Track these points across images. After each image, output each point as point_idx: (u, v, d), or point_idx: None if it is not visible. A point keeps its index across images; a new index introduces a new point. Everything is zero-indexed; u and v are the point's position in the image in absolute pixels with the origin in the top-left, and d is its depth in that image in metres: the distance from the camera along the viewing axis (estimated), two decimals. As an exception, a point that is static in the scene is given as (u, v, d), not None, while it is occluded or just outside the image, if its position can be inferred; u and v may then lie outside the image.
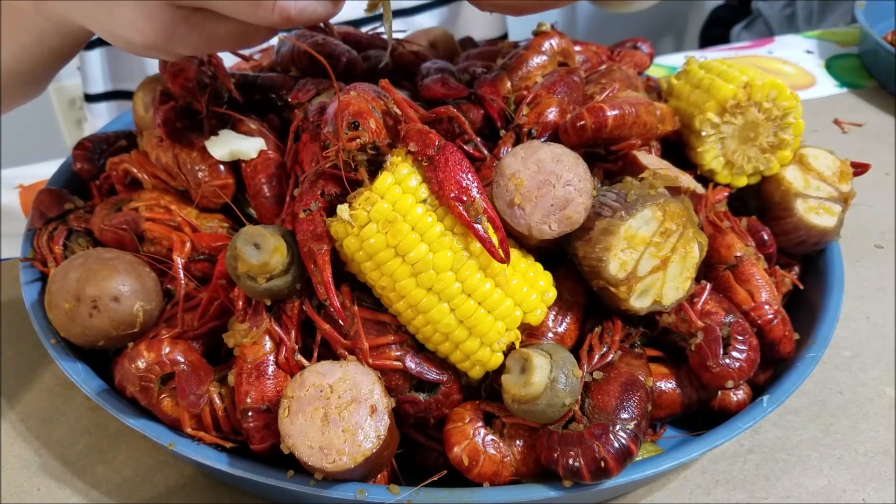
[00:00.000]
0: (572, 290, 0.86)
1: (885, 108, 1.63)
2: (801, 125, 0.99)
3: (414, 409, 0.80)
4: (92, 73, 1.60)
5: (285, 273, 0.77)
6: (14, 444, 0.94)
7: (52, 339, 0.88)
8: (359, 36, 1.16)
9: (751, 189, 1.04)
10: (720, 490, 0.89)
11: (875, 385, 1.02)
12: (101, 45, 1.57)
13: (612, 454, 0.73)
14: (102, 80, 1.63)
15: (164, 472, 0.91)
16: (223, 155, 0.94)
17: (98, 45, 1.57)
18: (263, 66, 1.18)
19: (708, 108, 0.98)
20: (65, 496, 0.88)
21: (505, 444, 0.79)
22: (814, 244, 1.03)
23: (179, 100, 1.02)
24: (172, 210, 0.95)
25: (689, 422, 0.89)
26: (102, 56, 1.59)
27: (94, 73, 1.60)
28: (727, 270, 0.94)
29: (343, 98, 0.83)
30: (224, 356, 0.87)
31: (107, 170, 1.06)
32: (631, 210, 0.79)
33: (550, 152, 0.78)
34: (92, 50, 1.57)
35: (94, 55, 1.58)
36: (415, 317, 0.77)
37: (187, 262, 0.91)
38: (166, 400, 0.81)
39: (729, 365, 0.83)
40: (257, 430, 0.77)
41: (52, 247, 0.96)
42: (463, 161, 0.75)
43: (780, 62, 1.79)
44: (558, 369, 0.75)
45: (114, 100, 1.64)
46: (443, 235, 0.75)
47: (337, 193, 0.79)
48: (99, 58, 1.59)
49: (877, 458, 0.93)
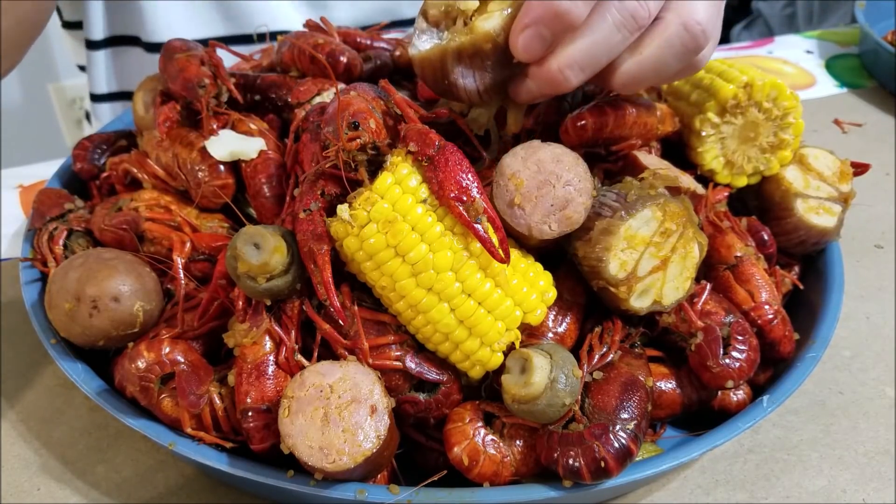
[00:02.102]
0: (572, 290, 0.86)
1: (885, 108, 1.63)
2: (801, 125, 0.99)
3: (414, 409, 0.80)
4: (97, 75, 1.61)
5: (285, 273, 0.77)
6: (14, 444, 0.94)
7: (52, 339, 0.88)
8: (359, 36, 1.16)
9: (751, 189, 1.04)
10: (720, 490, 0.89)
11: (875, 385, 1.02)
12: (106, 46, 1.57)
13: (612, 454, 0.73)
14: (107, 81, 1.63)
15: (164, 472, 0.91)
16: (223, 155, 0.94)
17: (104, 47, 1.57)
18: (263, 66, 1.18)
19: (708, 108, 0.98)
20: (65, 496, 0.88)
21: (505, 444, 0.79)
22: (814, 244, 1.03)
23: (179, 100, 1.02)
24: (172, 210, 0.95)
25: (689, 422, 0.89)
26: (107, 57, 1.59)
27: (99, 75, 1.61)
28: (727, 270, 0.94)
29: (343, 98, 0.83)
30: (224, 356, 0.87)
31: (107, 170, 1.06)
32: (631, 210, 0.79)
33: (550, 152, 0.78)
34: (98, 51, 1.57)
35: (99, 56, 1.58)
36: (415, 317, 0.77)
37: (187, 262, 0.91)
38: (166, 400, 0.81)
39: (729, 365, 0.83)
40: (257, 430, 0.77)
41: (52, 247, 0.96)
42: (463, 161, 0.75)
43: (780, 62, 1.79)
44: (558, 369, 0.75)
45: (118, 100, 1.65)
46: (443, 235, 0.75)
47: (337, 193, 0.79)
48: (104, 59, 1.59)
49: (877, 458, 0.93)
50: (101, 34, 1.55)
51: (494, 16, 0.77)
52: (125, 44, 1.58)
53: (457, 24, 0.79)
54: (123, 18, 1.53)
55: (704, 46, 0.79)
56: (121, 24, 1.55)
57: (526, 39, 0.75)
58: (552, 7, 0.73)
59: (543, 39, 0.75)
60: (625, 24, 0.74)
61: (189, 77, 0.99)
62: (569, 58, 0.75)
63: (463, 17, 0.79)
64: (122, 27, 1.55)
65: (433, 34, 0.81)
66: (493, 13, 0.77)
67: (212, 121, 0.98)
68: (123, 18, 1.53)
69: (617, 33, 0.75)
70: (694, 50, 0.78)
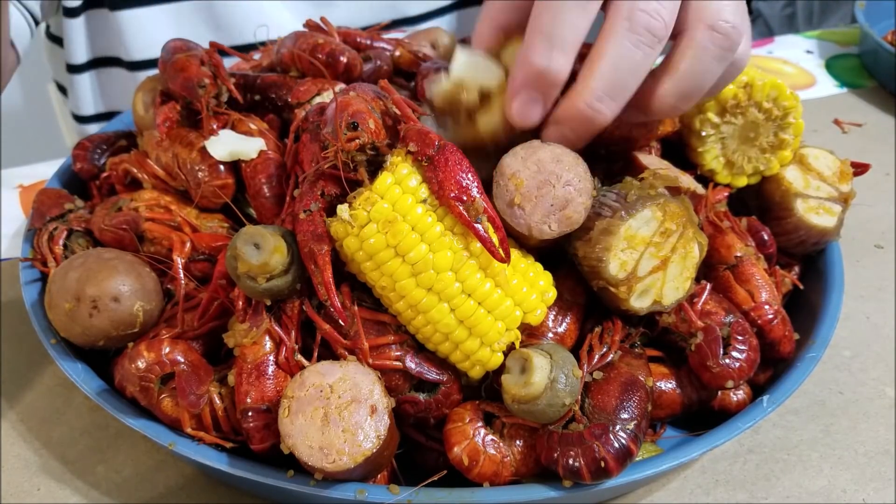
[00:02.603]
0: (572, 290, 0.86)
1: (885, 108, 1.62)
2: (801, 125, 0.99)
3: (414, 409, 0.80)
4: (82, 98, 1.60)
5: (285, 273, 0.77)
6: (14, 444, 0.94)
7: (52, 339, 0.88)
8: (359, 36, 1.16)
9: (751, 189, 1.04)
10: (720, 490, 0.89)
11: (875, 385, 1.02)
12: (89, 68, 1.56)
13: (612, 454, 0.73)
14: (93, 103, 1.61)
15: (164, 472, 0.91)
16: (223, 155, 0.94)
17: (86, 70, 1.56)
18: (263, 66, 1.18)
19: (708, 108, 0.98)
20: (65, 496, 0.88)
21: (505, 444, 0.79)
22: (814, 244, 1.03)
23: (179, 100, 1.02)
24: (172, 210, 0.95)
25: (689, 422, 0.89)
26: (91, 79, 1.58)
27: (83, 98, 1.60)
28: (727, 270, 0.94)
29: (342, 98, 0.83)
30: (224, 356, 0.87)
31: (107, 170, 1.06)
32: (631, 210, 0.79)
33: (550, 152, 0.77)
34: (80, 74, 1.56)
35: (82, 79, 1.57)
36: (415, 317, 0.77)
37: (187, 262, 0.91)
38: (166, 400, 0.81)
39: (729, 365, 0.83)
40: (257, 430, 0.77)
41: (52, 247, 0.96)
42: (463, 161, 0.75)
43: (780, 62, 1.79)
44: (558, 369, 0.75)
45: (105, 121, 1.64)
46: (443, 235, 0.75)
47: (337, 194, 0.79)
48: (87, 82, 1.58)
49: (877, 458, 0.93)
50: (84, 58, 1.53)
51: (495, 112, 0.78)
52: (107, 65, 1.56)
53: (461, 117, 0.80)
54: (105, 39, 1.51)
55: (739, 42, 0.76)
56: (102, 45, 1.52)
57: (519, 107, 0.74)
58: (530, 69, 0.71)
59: (537, 102, 0.74)
60: (641, 40, 0.72)
61: (189, 77, 0.99)
62: (592, 91, 0.72)
63: (466, 111, 0.80)
64: (103, 48, 1.53)
65: (439, 123, 0.83)
66: (494, 109, 0.78)
67: (212, 121, 0.97)
68: (105, 39, 1.51)
69: (637, 51, 0.72)
70: (729, 48, 0.75)
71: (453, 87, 0.80)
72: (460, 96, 0.80)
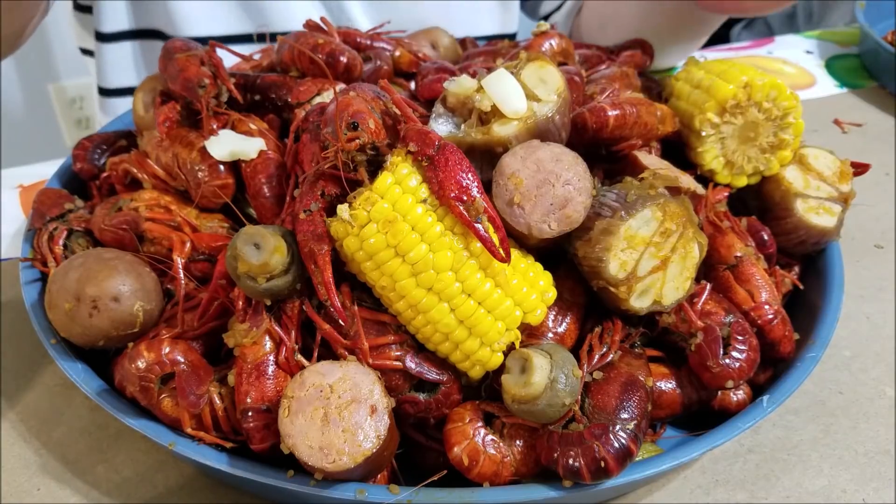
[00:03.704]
0: (572, 290, 0.86)
1: (885, 108, 1.63)
2: (801, 125, 0.99)
3: (414, 409, 0.80)
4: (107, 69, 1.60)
5: (285, 273, 0.77)
6: (14, 444, 0.94)
7: (52, 339, 0.88)
8: (359, 36, 1.16)
9: (751, 189, 1.04)
10: (720, 490, 0.89)
11: (875, 385, 1.02)
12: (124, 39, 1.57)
13: (612, 454, 0.73)
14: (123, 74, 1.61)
15: (164, 472, 0.91)
16: (223, 155, 0.94)
17: (120, 39, 1.57)
18: (263, 66, 1.18)
19: (708, 108, 0.98)
20: (65, 496, 0.88)
21: (505, 444, 0.79)
22: (814, 244, 1.03)
23: (179, 100, 1.02)
24: (172, 210, 0.95)
25: (689, 422, 0.89)
26: (124, 50, 1.58)
27: (109, 69, 1.60)
28: (727, 270, 0.94)
29: (342, 98, 0.83)
30: (224, 356, 0.87)
31: (107, 170, 1.06)
32: (631, 210, 0.79)
33: (550, 152, 0.78)
34: (109, 43, 1.56)
35: (111, 48, 1.57)
36: (415, 317, 0.77)
37: (187, 262, 0.91)
38: (166, 400, 0.81)
39: (729, 365, 0.83)
40: (257, 430, 0.77)
41: (52, 247, 0.96)
42: (463, 161, 0.75)
43: (780, 62, 1.79)
44: (558, 369, 0.75)
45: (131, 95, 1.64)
46: (443, 235, 0.75)
47: (337, 194, 0.79)
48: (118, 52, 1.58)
49: (877, 458, 0.93)
50: (115, 27, 1.54)
51: (512, 124, 0.80)
52: (146, 37, 1.57)
53: (472, 118, 0.83)
54: (147, 12, 1.53)
55: None
56: (144, 17, 1.54)
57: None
58: None
59: None
60: None
61: (189, 77, 0.99)
62: None
63: (478, 112, 0.82)
64: (144, 20, 1.55)
65: (449, 121, 0.85)
66: (511, 121, 0.80)
67: (212, 121, 0.98)
68: (147, 12, 1.53)
69: None
70: None
71: (471, 90, 0.83)
72: (473, 100, 0.82)
